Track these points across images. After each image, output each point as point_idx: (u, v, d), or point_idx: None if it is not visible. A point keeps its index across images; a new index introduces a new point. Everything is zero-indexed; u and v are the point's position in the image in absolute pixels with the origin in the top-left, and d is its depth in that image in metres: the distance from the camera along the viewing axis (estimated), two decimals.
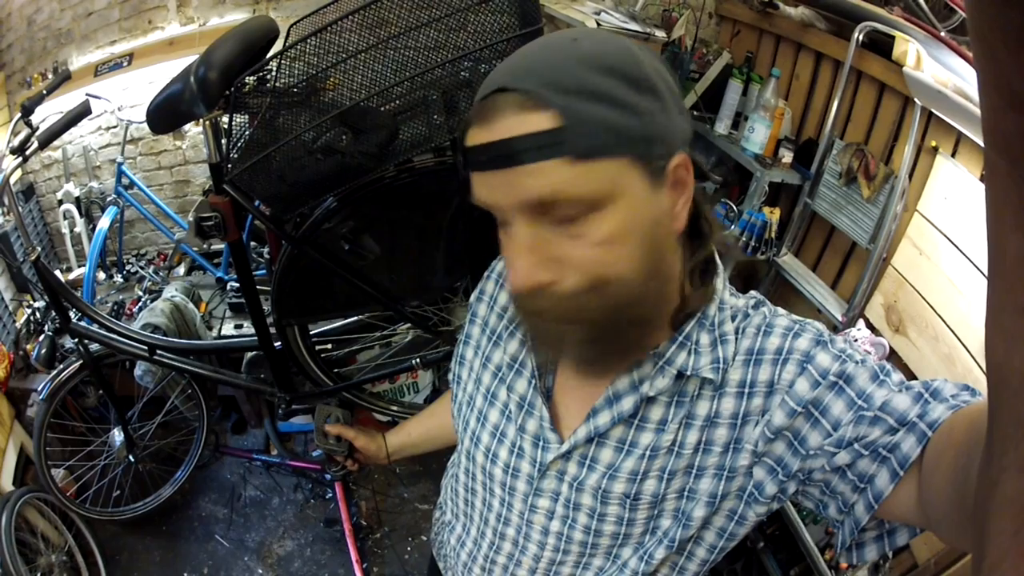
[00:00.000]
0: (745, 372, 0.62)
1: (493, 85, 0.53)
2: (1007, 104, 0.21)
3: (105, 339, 1.72)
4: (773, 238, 1.95)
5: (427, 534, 2.35)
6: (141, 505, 2.21)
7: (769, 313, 0.65)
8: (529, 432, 0.71)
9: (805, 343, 0.60)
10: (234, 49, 1.15)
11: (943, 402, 0.52)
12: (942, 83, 1.48)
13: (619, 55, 0.52)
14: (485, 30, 1.01)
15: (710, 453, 0.64)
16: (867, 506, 0.55)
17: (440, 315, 1.52)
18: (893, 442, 0.53)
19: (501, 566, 0.78)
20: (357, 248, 1.28)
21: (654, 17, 2.18)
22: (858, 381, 0.57)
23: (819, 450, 0.57)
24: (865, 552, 0.59)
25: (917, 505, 0.51)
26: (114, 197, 2.44)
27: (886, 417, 0.54)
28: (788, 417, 0.58)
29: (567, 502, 0.70)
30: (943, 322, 1.49)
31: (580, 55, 0.51)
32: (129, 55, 2.46)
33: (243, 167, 1.11)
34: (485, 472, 0.76)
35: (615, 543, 0.70)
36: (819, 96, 1.96)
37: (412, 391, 2.14)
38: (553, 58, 0.52)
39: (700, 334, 0.62)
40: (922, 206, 1.59)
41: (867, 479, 0.55)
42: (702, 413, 0.63)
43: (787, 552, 1.85)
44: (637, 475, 0.65)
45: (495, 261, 0.84)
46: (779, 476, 0.61)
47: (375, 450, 1.11)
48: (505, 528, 0.76)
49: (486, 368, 0.77)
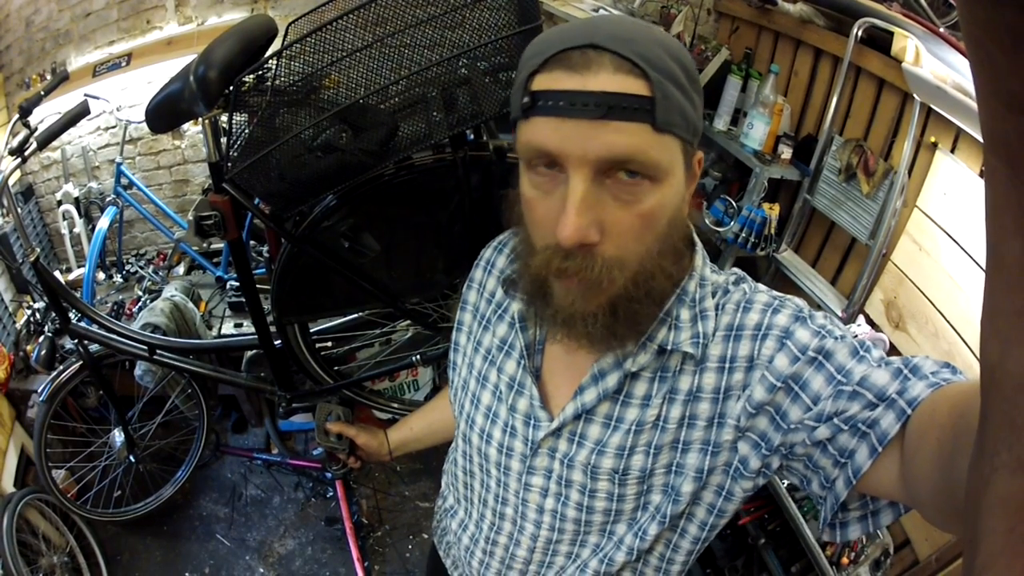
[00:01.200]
0: (725, 347, 0.63)
1: (579, 40, 0.53)
2: (1005, 107, 0.21)
3: (105, 339, 1.72)
4: (773, 234, 1.95)
5: (428, 532, 2.35)
6: (142, 505, 2.21)
7: (749, 289, 0.66)
8: (520, 411, 0.73)
9: (784, 319, 0.61)
10: (234, 48, 1.15)
11: (923, 379, 0.53)
12: (941, 79, 1.48)
13: (682, 50, 0.57)
14: (483, 27, 1.01)
15: (694, 427, 0.65)
16: (846, 481, 0.55)
17: (440, 311, 1.52)
18: (872, 418, 0.53)
19: (502, 546, 0.80)
20: (357, 246, 1.28)
21: (652, 14, 2.18)
22: (837, 356, 0.57)
23: (799, 424, 0.58)
24: (849, 530, 0.60)
25: (899, 482, 0.52)
26: (113, 197, 2.44)
27: (865, 392, 0.54)
28: (768, 392, 0.60)
29: (559, 479, 0.71)
30: (943, 318, 1.49)
31: (659, 39, 0.55)
32: (127, 55, 2.46)
33: (243, 165, 1.11)
34: (481, 453, 0.78)
35: (608, 519, 0.72)
36: (818, 92, 1.96)
37: (412, 389, 2.14)
38: (640, 34, 0.54)
39: (680, 310, 0.64)
40: (922, 202, 1.59)
41: (847, 454, 0.55)
42: (684, 388, 0.65)
43: (788, 549, 1.85)
44: (624, 450, 0.67)
45: (483, 249, 0.86)
46: (762, 450, 0.62)
47: (376, 447, 1.12)
48: (503, 508, 0.78)
49: (477, 352, 0.79)
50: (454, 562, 0.94)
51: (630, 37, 0.53)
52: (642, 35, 0.54)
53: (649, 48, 0.53)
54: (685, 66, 0.56)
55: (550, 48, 0.54)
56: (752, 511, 1.93)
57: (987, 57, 0.20)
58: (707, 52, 2.18)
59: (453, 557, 0.93)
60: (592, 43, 0.53)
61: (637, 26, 0.56)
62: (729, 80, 2.07)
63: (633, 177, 0.54)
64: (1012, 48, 0.19)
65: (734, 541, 2.01)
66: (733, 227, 1.95)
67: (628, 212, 0.55)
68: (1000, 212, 0.23)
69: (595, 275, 0.56)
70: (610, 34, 0.53)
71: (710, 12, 2.31)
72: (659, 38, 0.55)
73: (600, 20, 0.57)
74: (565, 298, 0.59)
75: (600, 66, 0.52)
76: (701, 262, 0.66)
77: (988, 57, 0.20)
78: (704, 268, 0.66)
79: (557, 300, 0.60)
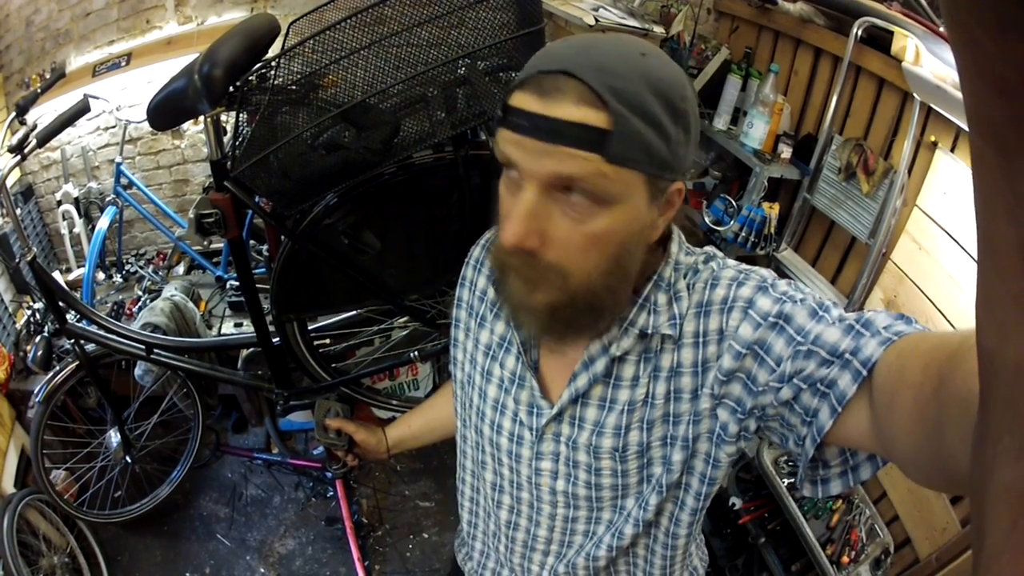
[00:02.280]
0: (697, 323, 0.68)
1: (559, 64, 0.57)
2: (994, 91, 0.20)
3: (102, 339, 1.72)
4: (773, 233, 1.95)
5: (429, 532, 2.35)
6: (138, 507, 2.19)
7: (717, 267, 0.70)
8: (523, 402, 0.78)
9: (747, 291, 0.66)
10: (239, 46, 1.15)
11: (876, 335, 0.55)
12: (941, 78, 1.49)
13: (672, 83, 0.58)
14: (483, 27, 1.01)
15: (681, 400, 0.70)
16: (812, 439, 0.58)
17: (438, 308, 1.52)
18: (830, 377, 0.56)
19: (524, 529, 0.86)
20: (358, 243, 1.28)
21: (652, 13, 2.17)
22: (797, 319, 0.61)
23: (766, 386, 0.62)
24: (830, 486, 0.63)
25: (872, 437, 0.54)
26: (113, 197, 2.44)
27: (818, 350, 0.57)
28: (735, 360, 0.64)
29: (567, 461, 0.77)
30: (943, 317, 1.49)
31: (643, 71, 0.57)
32: (127, 55, 2.46)
33: (248, 163, 1.12)
34: (493, 444, 0.83)
35: (616, 495, 0.77)
36: (818, 91, 1.96)
37: (412, 388, 2.14)
38: (621, 65, 0.56)
39: (657, 295, 0.69)
40: (921, 201, 1.59)
41: (812, 413, 0.58)
42: (666, 365, 0.70)
43: (788, 548, 1.86)
44: (621, 429, 0.73)
45: (472, 248, 0.89)
46: (738, 415, 0.66)
47: (375, 444, 1.13)
48: (520, 493, 0.83)
49: (478, 348, 0.84)
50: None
51: (610, 68, 0.56)
52: (625, 66, 0.56)
53: (626, 81, 0.55)
54: (669, 100, 0.57)
55: (533, 68, 0.59)
56: (752, 510, 1.93)
57: (971, 40, 0.20)
58: (707, 51, 2.18)
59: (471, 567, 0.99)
60: (567, 70, 0.56)
61: (625, 55, 0.57)
62: (729, 79, 2.07)
63: (581, 198, 0.58)
64: (999, 30, 0.19)
65: (735, 540, 2.02)
66: (733, 226, 1.95)
67: (574, 229, 0.59)
68: (990, 199, 0.23)
69: (534, 276, 0.62)
70: (591, 62, 0.56)
71: (710, 11, 2.31)
72: (645, 70, 0.57)
73: (591, 44, 0.60)
74: (513, 289, 0.65)
75: (564, 94, 0.56)
76: (676, 248, 0.71)
77: (972, 40, 0.20)
78: (679, 253, 0.71)
79: (508, 289, 0.66)
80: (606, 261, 0.62)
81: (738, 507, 1.95)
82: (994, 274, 0.24)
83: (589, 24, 1.89)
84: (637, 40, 0.63)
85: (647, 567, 0.83)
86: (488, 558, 0.95)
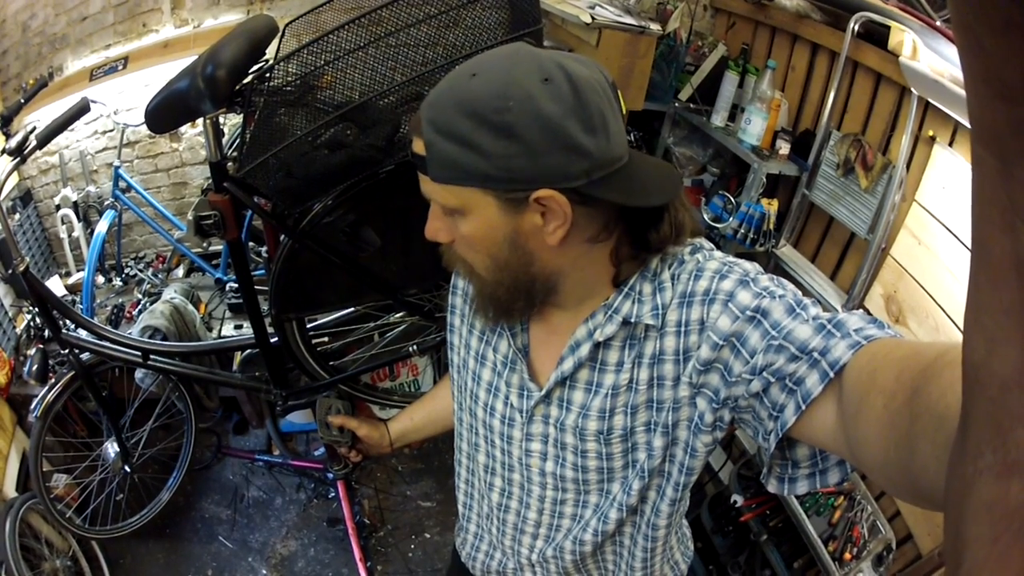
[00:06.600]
0: (680, 313, 0.70)
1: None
2: (996, 95, 0.20)
3: (97, 347, 1.69)
4: (771, 229, 1.95)
5: (430, 531, 2.35)
6: (138, 519, 2.15)
7: (703, 258, 0.72)
8: (515, 385, 0.82)
9: (729, 284, 0.68)
10: (242, 47, 1.15)
11: (846, 337, 0.56)
12: (939, 73, 1.48)
13: (492, 101, 0.59)
14: (477, 26, 1.01)
15: (663, 387, 0.73)
16: (776, 434, 0.61)
17: (435, 301, 1.53)
18: (798, 374, 0.58)
19: (514, 511, 0.89)
20: (357, 240, 1.29)
21: (649, 10, 2.17)
22: (774, 314, 0.63)
23: (740, 377, 0.64)
24: (797, 486, 0.66)
25: (839, 439, 0.55)
26: (111, 201, 2.44)
27: (788, 345, 0.60)
28: (712, 350, 0.67)
29: (555, 442, 0.80)
30: (943, 312, 1.49)
31: (459, 96, 0.61)
32: (124, 58, 2.45)
33: (252, 164, 1.12)
34: (486, 425, 0.86)
35: (603, 478, 0.80)
36: (815, 87, 1.95)
37: (413, 387, 2.14)
38: (445, 94, 0.63)
39: (643, 285, 0.73)
40: (920, 196, 1.58)
41: (779, 408, 0.60)
42: (648, 352, 0.73)
43: (790, 544, 1.86)
44: (606, 412, 0.76)
45: None
46: (714, 404, 0.69)
47: (378, 438, 1.14)
48: (511, 474, 0.87)
49: (472, 333, 0.88)
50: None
51: (433, 98, 0.63)
52: (446, 94, 0.62)
53: (438, 109, 0.62)
54: (483, 118, 0.59)
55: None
56: (754, 507, 1.93)
57: (977, 43, 0.19)
58: (704, 48, 2.18)
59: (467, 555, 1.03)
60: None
61: (454, 81, 0.63)
62: (726, 76, 2.07)
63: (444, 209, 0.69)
64: (1003, 33, 0.18)
65: (736, 537, 2.02)
66: (732, 223, 1.95)
67: (457, 233, 0.69)
68: (987, 205, 0.22)
69: (451, 263, 0.75)
70: (431, 96, 0.64)
71: (706, 8, 2.31)
72: (461, 94, 0.61)
73: (447, 77, 0.65)
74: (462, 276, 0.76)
75: (414, 128, 0.66)
76: None
77: (978, 42, 0.19)
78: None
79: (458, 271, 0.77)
80: (491, 259, 0.69)
81: (740, 504, 1.95)
82: (986, 283, 0.23)
83: (585, 22, 1.88)
84: (481, 61, 0.64)
85: (630, 558, 0.87)
86: (481, 540, 0.99)
